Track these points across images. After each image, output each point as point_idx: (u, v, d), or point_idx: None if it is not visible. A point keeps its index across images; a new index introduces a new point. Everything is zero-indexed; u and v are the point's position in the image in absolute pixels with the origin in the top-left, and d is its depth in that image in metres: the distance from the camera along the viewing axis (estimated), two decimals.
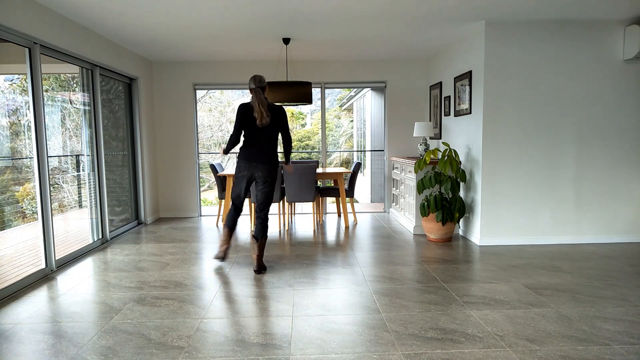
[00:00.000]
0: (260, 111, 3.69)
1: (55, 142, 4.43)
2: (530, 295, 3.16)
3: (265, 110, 3.70)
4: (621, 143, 4.63)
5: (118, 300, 3.18)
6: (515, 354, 2.31)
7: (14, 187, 3.83)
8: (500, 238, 4.68)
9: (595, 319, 2.76)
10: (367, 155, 11.76)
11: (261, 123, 3.70)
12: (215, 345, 2.46)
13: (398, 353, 2.35)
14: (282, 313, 2.90)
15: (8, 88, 3.88)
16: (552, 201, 4.66)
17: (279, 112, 3.82)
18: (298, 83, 5.04)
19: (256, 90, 3.72)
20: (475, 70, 4.73)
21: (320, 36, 5.03)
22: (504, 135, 4.58)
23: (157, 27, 4.55)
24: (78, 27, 4.36)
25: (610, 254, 4.24)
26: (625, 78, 4.56)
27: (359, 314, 2.88)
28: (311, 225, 5.89)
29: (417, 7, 4.00)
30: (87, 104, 4.76)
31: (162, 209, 6.66)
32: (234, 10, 4.04)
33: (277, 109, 3.83)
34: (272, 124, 3.78)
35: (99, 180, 4.90)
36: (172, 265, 4.06)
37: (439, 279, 3.55)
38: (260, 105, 3.70)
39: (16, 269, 3.73)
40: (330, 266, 3.96)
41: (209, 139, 15.17)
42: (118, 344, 2.49)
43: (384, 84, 6.62)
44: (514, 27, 4.48)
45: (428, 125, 5.46)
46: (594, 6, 4.02)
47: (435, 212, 4.68)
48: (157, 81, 6.45)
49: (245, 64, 6.46)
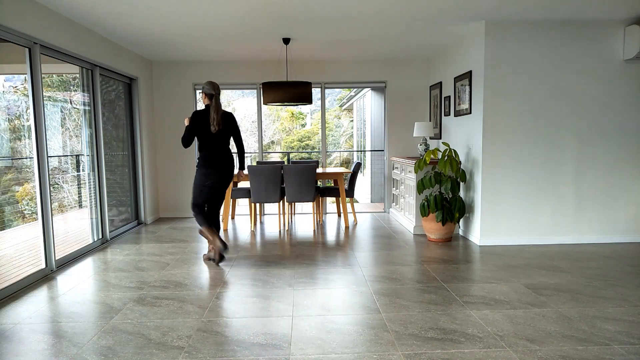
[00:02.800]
0: (214, 117, 3.89)
1: (55, 142, 4.43)
2: (530, 295, 3.16)
3: (218, 117, 3.90)
4: (621, 143, 4.63)
5: (118, 300, 3.18)
6: (515, 354, 2.31)
7: (14, 187, 3.83)
8: (500, 238, 4.68)
9: (595, 319, 2.76)
10: (367, 155, 11.76)
11: (215, 129, 3.89)
12: (215, 345, 2.46)
13: (398, 353, 2.35)
14: (282, 313, 2.90)
15: (8, 89, 3.89)
16: (552, 201, 4.66)
17: (230, 118, 4.03)
18: (298, 83, 5.04)
19: (215, 96, 3.92)
20: (475, 70, 4.73)
21: (320, 36, 5.03)
22: (504, 135, 4.58)
23: (157, 27, 4.55)
24: (78, 27, 4.36)
25: (610, 254, 4.24)
26: (625, 78, 4.56)
27: (359, 314, 2.88)
28: (311, 225, 5.89)
29: (417, 7, 4.00)
30: (87, 104, 4.76)
31: (162, 209, 6.66)
32: (234, 11, 4.04)
33: (228, 115, 4.03)
34: (225, 130, 3.98)
35: (99, 180, 4.90)
36: (172, 265, 4.06)
37: (439, 279, 3.55)
38: (215, 112, 3.89)
39: (16, 269, 3.73)
40: (330, 266, 3.96)
41: None
42: (118, 344, 2.49)
43: (384, 84, 6.62)
44: (514, 27, 4.48)
45: (428, 125, 5.46)
46: (594, 6, 4.02)
47: (435, 212, 4.68)
48: (157, 81, 6.45)
49: (245, 64, 6.46)
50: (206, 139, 3.96)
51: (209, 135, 3.94)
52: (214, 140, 3.96)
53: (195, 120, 3.92)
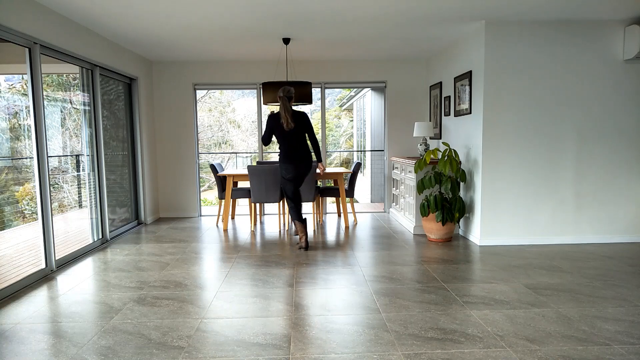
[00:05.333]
0: (286, 117, 4.38)
1: (55, 142, 4.43)
2: (530, 295, 3.16)
3: (290, 117, 4.39)
4: (621, 143, 4.63)
5: (118, 300, 3.18)
6: (515, 354, 2.31)
7: (14, 187, 3.83)
8: (500, 238, 4.68)
9: (595, 319, 2.76)
10: (367, 155, 11.76)
11: (288, 127, 4.39)
12: (215, 345, 2.46)
13: (398, 353, 2.35)
14: (282, 313, 2.90)
15: (8, 90, 3.88)
16: (552, 201, 4.66)
17: (302, 117, 4.50)
18: (298, 83, 5.04)
19: (283, 99, 4.40)
20: (475, 70, 4.73)
21: (320, 36, 5.03)
22: (504, 135, 4.58)
23: (157, 27, 4.55)
24: (78, 27, 4.36)
25: (610, 254, 4.24)
26: (625, 78, 4.56)
27: (359, 314, 2.88)
28: (311, 225, 5.89)
29: (417, 7, 4.00)
30: (87, 104, 4.76)
31: (162, 209, 6.66)
32: (234, 10, 4.04)
33: (300, 114, 4.50)
34: (297, 128, 4.46)
35: (99, 180, 4.90)
36: (172, 265, 4.06)
37: (439, 279, 3.55)
38: (286, 113, 4.39)
39: (16, 269, 3.73)
40: (330, 266, 3.96)
41: (209, 139, 15.17)
42: (118, 344, 2.49)
43: (384, 84, 6.62)
44: (514, 27, 4.48)
45: (428, 125, 5.46)
46: (594, 6, 4.02)
47: (435, 212, 4.68)
48: (157, 81, 6.45)
49: (245, 64, 6.46)
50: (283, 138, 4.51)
51: (285, 134, 4.47)
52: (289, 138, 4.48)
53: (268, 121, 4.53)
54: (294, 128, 4.43)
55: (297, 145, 4.50)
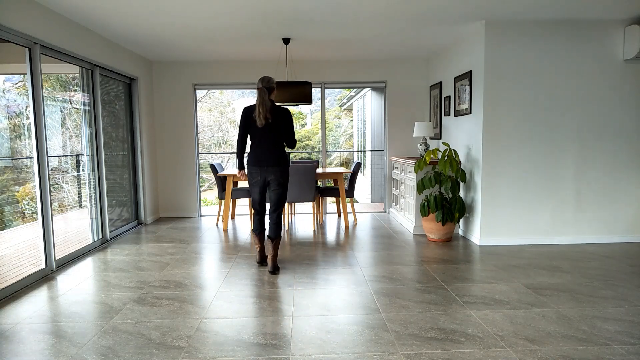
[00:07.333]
0: (259, 112, 3.64)
1: (55, 142, 4.43)
2: (530, 295, 3.16)
3: (264, 111, 3.65)
4: (621, 143, 4.63)
5: (118, 300, 3.18)
6: (515, 354, 2.31)
7: (13, 187, 3.83)
8: (500, 238, 4.68)
9: (595, 319, 2.76)
10: (367, 155, 11.76)
11: (261, 123, 3.65)
12: (215, 345, 2.46)
13: (398, 353, 2.35)
14: (282, 313, 2.90)
15: (9, 89, 3.88)
16: (552, 201, 4.66)
17: (283, 114, 3.75)
18: (298, 83, 5.04)
19: (261, 90, 3.68)
20: (475, 70, 4.73)
21: (320, 36, 5.03)
22: (504, 135, 4.58)
23: (157, 27, 4.55)
24: (78, 27, 4.36)
25: (610, 254, 4.24)
26: (625, 78, 4.56)
27: (359, 314, 2.88)
28: (311, 225, 5.89)
29: (417, 7, 4.00)
30: (87, 104, 4.76)
31: (162, 209, 6.66)
32: (234, 10, 4.04)
33: (282, 110, 3.76)
34: (275, 125, 3.71)
35: (99, 180, 4.90)
36: (172, 265, 4.06)
37: (439, 279, 3.55)
38: (261, 106, 3.65)
39: (16, 269, 3.73)
40: (330, 266, 3.96)
41: (209, 139, 15.17)
42: (118, 344, 2.49)
43: (384, 84, 6.62)
44: (514, 27, 4.48)
45: (428, 125, 5.46)
46: (594, 6, 4.02)
47: (435, 212, 4.68)
48: (157, 81, 6.45)
49: (245, 64, 6.46)
50: (256, 136, 3.77)
51: (258, 131, 3.74)
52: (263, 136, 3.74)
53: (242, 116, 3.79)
54: (269, 125, 3.68)
55: (269, 146, 3.72)
